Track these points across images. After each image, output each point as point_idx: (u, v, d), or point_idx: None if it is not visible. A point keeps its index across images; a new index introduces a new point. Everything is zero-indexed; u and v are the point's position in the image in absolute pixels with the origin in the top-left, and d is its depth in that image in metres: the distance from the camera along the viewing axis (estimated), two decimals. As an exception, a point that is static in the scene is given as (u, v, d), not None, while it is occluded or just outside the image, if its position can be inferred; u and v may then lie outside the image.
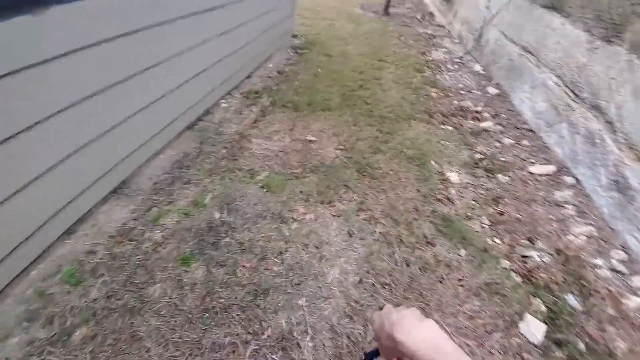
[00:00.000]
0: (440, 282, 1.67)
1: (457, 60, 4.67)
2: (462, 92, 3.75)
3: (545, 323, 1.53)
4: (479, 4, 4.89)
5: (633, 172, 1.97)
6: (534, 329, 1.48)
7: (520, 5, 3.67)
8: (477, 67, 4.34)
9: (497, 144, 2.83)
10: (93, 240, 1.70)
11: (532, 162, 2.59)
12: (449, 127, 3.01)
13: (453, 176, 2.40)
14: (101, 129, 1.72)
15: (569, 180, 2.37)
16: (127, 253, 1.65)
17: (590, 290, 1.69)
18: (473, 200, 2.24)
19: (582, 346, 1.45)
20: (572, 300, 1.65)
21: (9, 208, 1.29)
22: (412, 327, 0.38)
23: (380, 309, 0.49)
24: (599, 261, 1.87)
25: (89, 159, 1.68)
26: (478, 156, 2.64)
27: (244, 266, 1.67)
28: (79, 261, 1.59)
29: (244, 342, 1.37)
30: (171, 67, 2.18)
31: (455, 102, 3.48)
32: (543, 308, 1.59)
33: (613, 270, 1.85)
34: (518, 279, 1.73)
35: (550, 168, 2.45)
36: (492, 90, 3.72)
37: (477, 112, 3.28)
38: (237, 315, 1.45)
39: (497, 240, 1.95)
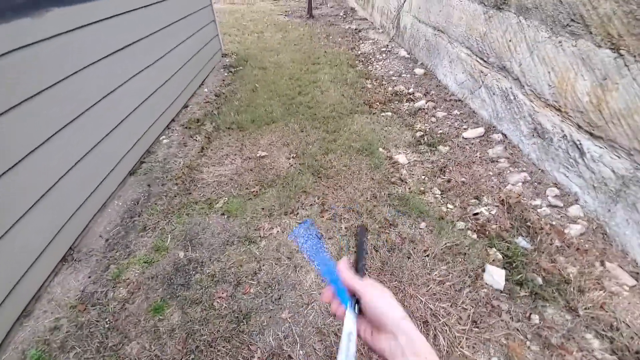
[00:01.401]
0: (408, 257, 1.78)
1: (384, 49, 4.97)
2: (394, 77, 4.00)
3: (504, 268, 1.70)
4: (390, -6, 5.24)
5: (545, 118, 2.25)
6: (495, 276, 1.64)
7: (424, -10, 4.01)
8: (402, 52, 4.65)
9: (433, 119, 3.06)
10: (54, 315, 1.58)
11: (464, 129, 2.84)
12: (389, 113, 3.20)
13: (401, 158, 2.55)
14: (37, 193, 1.60)
15: (497, 137, 2.64)
16: (94, 319, 1.56)
17: (536, 229, 1.90)
18: (423, 175, 2.40)
19: (539, 280, 1.63)
20: (522, 242, 1.84)
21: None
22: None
23: None
24: (538, 201, 2.11)
25: (30, 230, 1.55)
26: (419, 134, 2.84)
27: (220, 297, 1.65)
28: (44, 341, 1.47)
29: (235, 372, 1.35)
30: (99, 113, 2.09)
31: (390, 88, 3.70)
32: (499, 256, 1.76)
33: (551, 206, 2.09)
34: (474, 236, 1.90)
35: (480, 130, 2.71)
36: (418, 70, 4.01)
37: (410, 93, 3.52)
38: (223, 347, 1.43)
39: (450, 206, 2.12)
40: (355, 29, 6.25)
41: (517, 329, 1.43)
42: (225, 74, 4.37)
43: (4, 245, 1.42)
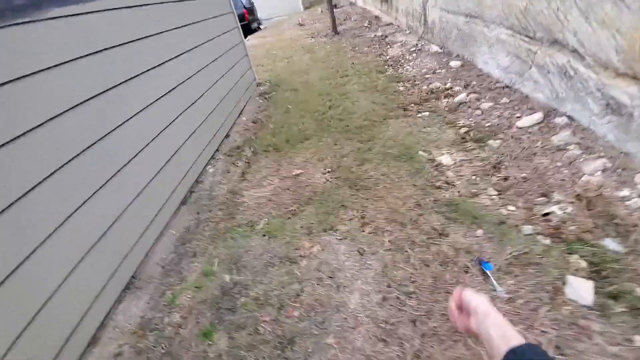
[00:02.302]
0: (466, 272, 1.56)
1: (413, 49, 4.77)
2: (428, 75, 3.78)
3: (591, 279, 1.38)
4: (415, -7, 5.08)
5: (619, 90, 1.87)
6: (580, 290, 1.34)
7: (449, -20, 3.80)
8: (434, 48, 4.40)
9: (478, 112, 2.77)
10: (117, 342, 1.71)
11: (518, 117, 2.51)
12: (426, 113, 3.00)
13: (445, 159, 2.34)
14: (104, 226, 1.80)
15: (560, 120, 2.27)
16: (151, 344, 1.65)
17: (627, 226, 1.54)
18: (473, 175, 2.15)
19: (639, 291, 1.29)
20: (611, 244, 1.50)
21: (31, 333, 1.33)
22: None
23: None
24: (625, 192, 1.72)
25: (96, 262, 1.74)
26: (463, 130, 2.59)
27: (265, 321, 1.62)
28: (108, 367, 1.59)
29: (283, 403, 1.29)
30: (152, 151, 2.31)
31: (424, 87, 3.49)
32: (583, 264, 1.44)
33: (645, 195, 1.69)
34: (546, 241, 1.60)
35: (537, 116, 2.36)
36: (454, 63, 3.73)
37: (447, 89, 3.27)
38: (269, 376, 1.38)
39: (511, 208, 1.84)
40: (381, 36, 6.16)
41: (616, 355, 1.12)
42: (261, 101, 4.60)
43: (75, 276, 1.60)
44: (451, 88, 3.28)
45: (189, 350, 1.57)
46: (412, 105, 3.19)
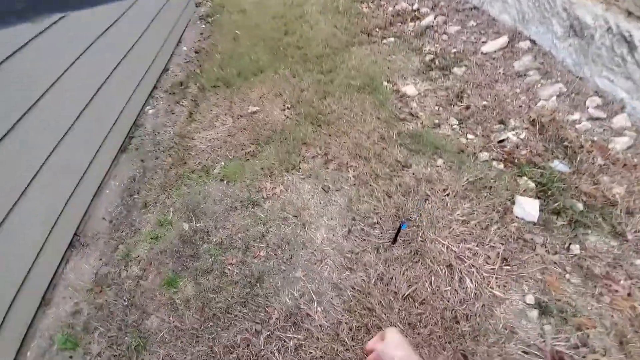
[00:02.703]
0: (426, 199, 1.61)
1: (379, -38, 4.18)
2: (394, -6, 3.40)
3: (538, 198, 1.49)
4: None
5: (584, 9, 1.81)
6: (528, 208, 1.44)
7: None
8: (402, -39, 3.89)
9: (444, 37, 2.61)
10: (72, 300, 1.60)
11: (483, 42, 2.40)
12: (391, 39, 2.76)
13: (409, 89, 2.23)
14: (28, 174, 1.51)
15: (524, 45, 2.22)
16: (111, 299, 1.56)
17: (575, 148, 1.64)
18: (436, 105, 2.10)
19: (580, 206, 1.43)
20: (559, 165, 1.60)
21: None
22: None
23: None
24: (576, 115, 1.80)
25: (27, 218, 1.49)
26: (428, 58, 2.45)
27: (231, 264, 1.59)
28: (68, 324, 1.50)
29: (254, 333, 1.34)
30: (68, 83, 1.87)
31: (390, 8, 3.16)
32: (532, 184, 1.54)
33: (592, 119, 1.79)
34: (500, 166, 1.67)
35: (502, 40, 2.27)
36: (423, -20, 3.37)
37: (414, 10, 3.00)
38: (240, 311, 1.40)
39: (471, 136, 1.86)
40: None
41: (555, 262, 1.28)
42: (203, 25, 3.90)
43: (3, 235, 1.36)
44: (418, 10, 3.00)
45: (153, 299, 1.52)
46: (377, 29, 2.91)
